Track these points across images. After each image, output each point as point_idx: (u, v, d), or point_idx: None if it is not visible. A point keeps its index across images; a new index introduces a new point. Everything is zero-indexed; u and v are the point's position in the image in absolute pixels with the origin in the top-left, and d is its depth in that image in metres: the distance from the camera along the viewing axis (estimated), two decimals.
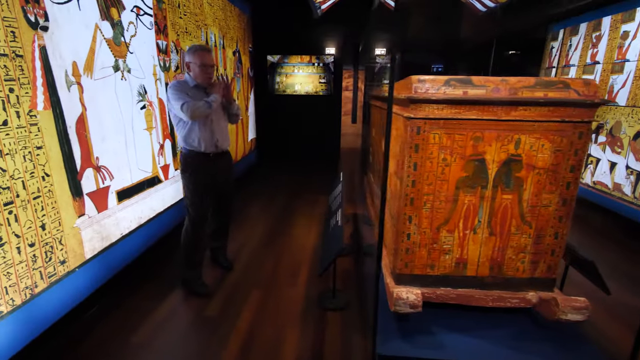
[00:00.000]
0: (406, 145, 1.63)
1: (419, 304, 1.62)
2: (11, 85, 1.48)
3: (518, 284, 1.76)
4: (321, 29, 5.77)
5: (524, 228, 1.68)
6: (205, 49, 2.08)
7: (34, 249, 1.62)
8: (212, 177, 2.21)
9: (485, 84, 1.53)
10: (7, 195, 1.48)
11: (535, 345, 1.64)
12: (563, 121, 1.51)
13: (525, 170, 1.60)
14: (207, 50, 2.08)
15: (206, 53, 2.06)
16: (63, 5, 1.73)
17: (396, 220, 1.80)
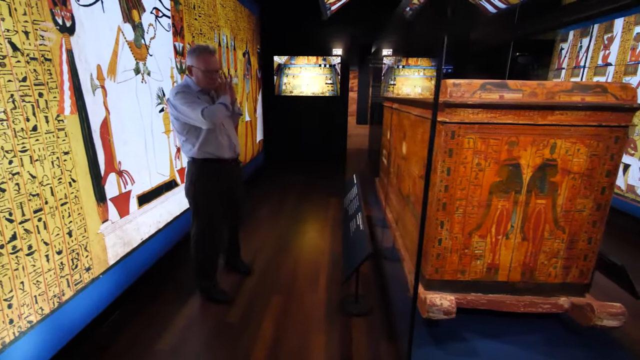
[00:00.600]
0: (440, 149, 1.61)
1: (453, 310, 1.61)
2: (40, 90, 1.45)
3: (550, 290, 1.74)
4: (328, 30, 5.75)
5: (557, 233, 1.67)
6: (209, 50, 1.87)
7: (62, 257, 1.59)
8: (229, 184, 2.12)
9: (521, 88, 1.52)
10: (36, 202, 1.45)
11: (568, 351, 1.63)
12: (600, 125, 1.50)
13: (561, 175, 1.59)
14: (211, 52, 1.87)
15: (210, 56, 1.86)
16: (88, 7, 1.70)
17: (426, 225, 1.78)
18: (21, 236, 1.38)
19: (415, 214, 2.03)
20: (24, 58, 1.37)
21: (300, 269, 2.71)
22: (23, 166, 1.38)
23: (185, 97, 1.81)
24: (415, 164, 2.02)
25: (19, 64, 1.35)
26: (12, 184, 1.33)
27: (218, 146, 1.99)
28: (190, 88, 1.89)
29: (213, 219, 2.10)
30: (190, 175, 2.00)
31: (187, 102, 1.80)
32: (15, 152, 1.34)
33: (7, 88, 1.30)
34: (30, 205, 1.42)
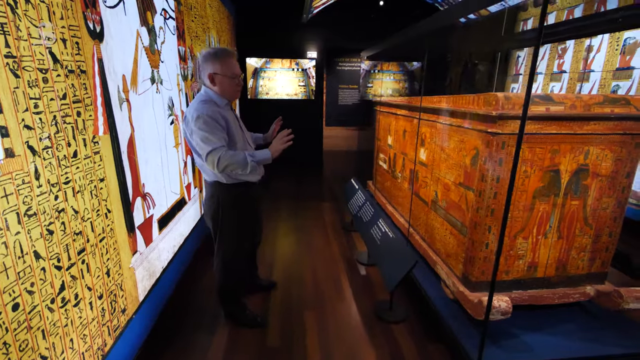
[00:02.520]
0: (490, 159, 1.69)
1: (510, 310, 1.70)
2: (78, 108, 1.22)
3: (578, 280, 1.94)
4: (301, 33, 5.70)
5: (586, 230, 1.85)
6: (231, 53, 1.65)
7: (102, 302, 1.36)
8: (255, 206, 1.98)
9: (563, 101, 1.66)
10: (80, 241, 1.22)
11: (601, 333, 1.82)
12: (625, 133, 1.70)
13: (591, 178, 1.77)
14: (233, 54, 1.67)
15: (234, 59, 1.66)
16: (113, 9, 1.47)
17: (472, 230, 1.86)
18: (68, 285, 1.15)
19: (450, 219, 2.11)
20: (63, 71, 1.14)
21: (321, 280, 2.66)
22: (67, 200, 1.15)
23: (206, 125, 1.52)
24: (449, 171, 2.09)
25: (59, 79, 1.12)
26: (58, 223, 1.11)
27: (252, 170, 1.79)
28: (215, 105, 1.61)
29: (242, 244, 1.93)
30: (216, 199, 1.77)
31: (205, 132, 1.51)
32: (60, 185, 1.12)
33: (50, 108, 1.07)
34: (75, 246, 1.19)
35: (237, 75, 1.66)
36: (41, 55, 1.04)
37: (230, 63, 1.63)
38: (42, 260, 1.04)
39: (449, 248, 2.13)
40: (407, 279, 2.50)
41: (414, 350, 1.97)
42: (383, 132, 3.58)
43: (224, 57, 1.61)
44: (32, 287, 1.00)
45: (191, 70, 2.63)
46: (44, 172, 1.05)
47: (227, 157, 1.52)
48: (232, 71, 1.63)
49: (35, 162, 1.01)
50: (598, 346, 1.72)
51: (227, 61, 1.62)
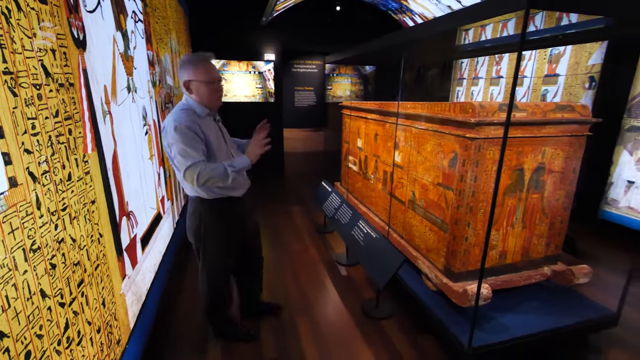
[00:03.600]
0: (469, 161, 1.87)
1: (490, 295, 1.90)
2: (69, 125, 1.10)
3: (538, 263, 2.22)
4: (258, 34, 5.61)
5: (544, 219, 2.14)
6: (206, 57, 1.54)
7: (100, 336, 1.25)
8: (244, 222, 1.81)
9: (526, 108, 1.89)
10: (79, 272, 1.10)
11: (559, 307, 2.11)
12: (572, 135, 1.99)
13: (547, 175, 2.04)
14: (208, 58, 1.55)
15: (210, 63, 1.54)
16: (92, 14, 1.34)
17: (453, 226, 2.03)
18: (72, 322, 1.04)
19: (429, 216, 2.27)
20: (54, 85, 1.02)
21: (305, 285, 2.68)
22: (65, 229, 1.04)
23: (184, 137, 1.41)
24: (427, 172, 2.25)
25: (52, 94, 1.01)
26: (59, 255, 0.99)
27: (235, 184, 1.67)
28: (194, 116, 1.50)
29: (226, 263, 1.82)
30: (197, 215, 1.65)
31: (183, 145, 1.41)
32: (59, 213, 1.00)
33: (45, 128, 0.96)
34: (75, 278, 1.08)
35: (215, 80, 1.53)
36: (35, 69, 0.92)
37: (205, 67, 1.50)
38: (48, 298, 0.92)
39: (430, 244, 2.29)
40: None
41: (405, 342, 2.09)
42: (352, 135, 3.70)
43: (197, 62, 1.50)
44: (41, 330, 0.88)
45: (158, 75, 2.46)
46: (44, 200, 0.93)
47: (206, 171, 1.41)
48: (208, 76, 1.50)
49: (36, 189, 0.90)
50: (558, 318, 1.99)
51: (202, 65, 1.50)
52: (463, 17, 1.60)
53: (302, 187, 5.30)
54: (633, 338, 2.12)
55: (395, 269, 2.09)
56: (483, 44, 4.87)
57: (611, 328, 2.06)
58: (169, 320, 2.19)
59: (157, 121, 2.31)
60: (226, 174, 1.47)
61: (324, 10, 5.96)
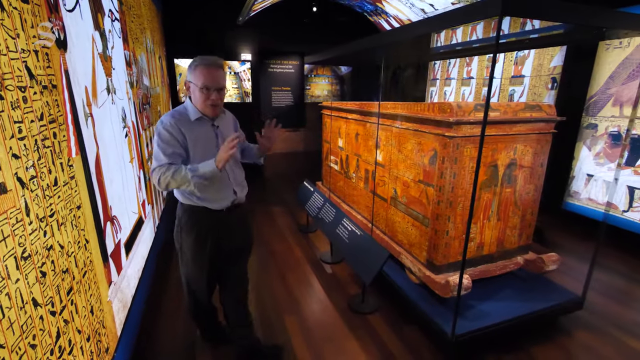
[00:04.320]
0: (448, 158, 1.96)
1: (470, 285, 2.01)
2: (54, 129, 1.07)
3: (512, 253, 2.37)
4: (234, 33, 5.55)
5: (516, 211, 2.28)
6: (212, 63, 1.44)
7: (90, 344, 1.21)
8: (223, 239, 1.62)
9: (498, 108, 2.01)
10: (67, 280, 1.07)
11: (531, 293, 2.26)
12: (539, 133, 2.14)
13: (518, 170, 2.18)
14: (214, 65, 1.44)
15: (212, 69, 1.43)
16: (71, 13, 1.30)
17: (434, 221, 2.12)
18: (63, 331, 1.01)
19: (411, 212, 2.36)
20: (38, 88, 0.99)
21: (292, 284, 2.70)
22: (54, 236, 1.01)
23: (160, 138, 1.39)
24: (408, 170, 2.33)
25: (36, 97, 0.97)
26: (49, 262, 0.97)
27: (208, 194, 1.52)
28: (183, 117, 1.46)
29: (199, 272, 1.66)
30: (177, 218, 1.60)
31: (158, 145, 1.39)
32: (47, 219, 0.97)
33: (31, 132, 0.93)
34: (64, 285, 1.05)
35: (206, 86, 1.43)
36: (19, 71, 0.89)
37: (202, 72, 1.42)
38: (40, 307, 0.90)
39: (412, 239, 2.38)
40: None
41: (391, 335, 2.16)
42: (332, 135, 3.75)
43: (199, 64, 1.43)
44: (34, 339, 0.86)
45: (135, 76, 2.39)
46: (33, 206, 0.90)
47: (167, 174, 1.36)
48: (200, 81, 1.42)
49: (25, 195, 0.87)
50: (532, 304, 2.14)
51: (200, 69, 1.42)
52: (440, 23, 1.69)
53: (283, 188, 5.30)
54: (596, 319, 2.31)
55: (381, 264, 2.15)
56: (455, 47, 5.08)
57: (577, 311, 2.24)
58: (155, 325, 2.14)
59: (135, 123, 2.25)
60: (186, 179, 1.36)
61: (300, 10, 5.98)
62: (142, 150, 2.40)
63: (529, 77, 4.20)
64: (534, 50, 4.03)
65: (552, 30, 2.73)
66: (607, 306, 2.46)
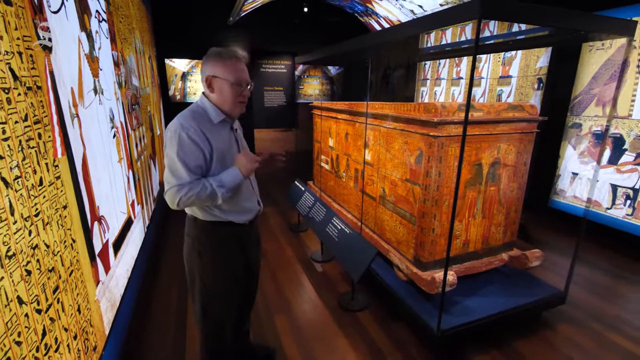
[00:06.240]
0: (433, 158, 2.01)
1: (456, 282, 2.05)
2: (39, 130, 1.08)
3: (497, 250, 2.42)
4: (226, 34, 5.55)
5: (500, 209, 2.33)
6: (240, 56, 1.31)
7: (77, 342, 1.22)
8: (248, 254, 1.47)
9: (482, 108, 2.06)
10: (53, 279, 1.08)
11: (516, 289, 2.31)
12: (522, 132, 2.20)
13: (502, 168, 2.23)
14: (242, 58, 1.31)
15: (242, 62, 1.30)
16: (56, 15, 1.31)
17: (420, 219, 2.17)
18: (49, 329, 1.03)
19: (399, 211, 2.40)
20: (22, 89, 1.00)
21: (282, 283, 2.73)
22: (39, 235, 1.02)
23: (182, 147, 1.18)
24: (395, 169, 2.37)
25: (20, 98, 0.98)
26: (34, 261, 0.98)
27: (235, 206, 1.36)
28: (208, 119, 1.27)
29: (231, 304, 1.46)
30: (192, 239, 1.36)
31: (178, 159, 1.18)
32: (32, 219, 0.99)
33: (16, 132, 0.94)
34: (50, 284, 1.06)
35: (242, 83, 1.29)
36: (2, 72, 0.91)
37: (236, 66, 1.28)
38: (25, 305, 0.91)
39: (400, 236, 2.42)
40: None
41: (380, 331, 2.20)
42: (323, 134, 3.78)
43: (229, 58, 1.27)
44: (20, 337, 0.87)
45: (124, 76, 2.40)
46: (17, 205, 0.92)
47: (189, 195, 1.19)
48: (236, 75, 1.27)
49: (9, 195, 0.88)
50: (516, 299, 2.19)
51: (233, 64, 1.27)
52: (423, 25, 1.73)
53: (274, 188, 5.32)
54: (578, 313, 2.37)
55: (369, 261, 2.19)
56: (444, 47, 5.15)
57: (560, 305, 2.30)
58: (144, 326, 2.14)
59: (124, 123, 2.26)
60: (214, 195, 1.23)
61: (291, 11, 6.00)
62: (131, 151, 2.40)
63: (517, 78, 4.28)
64: (521, 51, 4.11)
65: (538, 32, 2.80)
66: (589, 301, 2.53)
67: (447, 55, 4.07)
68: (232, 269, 1.41)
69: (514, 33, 4.03)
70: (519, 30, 3.96)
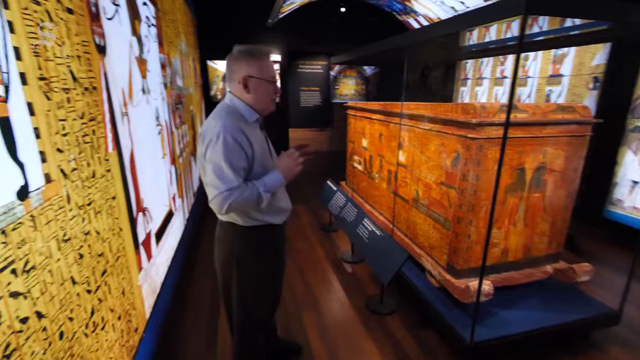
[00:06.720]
0: (470, 161, 1.92)
1: (492, 292, 1.95)
2: (94, 127, 1.19)
3: (540, 261, 2.26)
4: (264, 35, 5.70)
5: (545, 217, 2.18)
6: (269, 53, 1.33)
7: (121, 323, 1.33)
8: (281, 253, 1.51)
9: (526, 109, 1.94)
10: (102, 263, 1.19)
11: (560, 304, 2.15)
12: (572, 135, 2.04)
13: (548, 174, 2.08)
14: (270, 55, 1.34)
15: (270, 60, 1.32)
16: (111, 21, 1.42)
17: (455, 224, 2.08)
18: (96, 308, 1.12)
19: (432, 215, 2.32)
20: (80, 89, 1.10)
21: (311, 282, 2.75)
22: (91, 222, 1.12)
23: (227, 151, 1.14)
24: (430, 172, 2.31)
25: (78, 97, 1.09)
26: (86, 246, 1.08)
27: (272, 208, 1.35)
28: (243, 119, 1.25)
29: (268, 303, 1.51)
30: (229, 245, 1.36)
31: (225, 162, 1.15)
32: (85, 207, 1.09)
33: (73, 129, 1.04)
34: (99, 268, 1.16)
35: (274, 78, 1.30)
36: (64, 74, 1.01)
37: (269, 64, 1.29)
38: (77, 285, 1.01)
39: (433, 241, 2.35)
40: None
41: (408, 337, 2.15)
42: (356, 135, 3.76)
43: (262, 57, 1.26)
44: (72, 313, 0.97)
45: (169, 77, 2.55)
46: (73, 195, 1.02)
47: (238, 200, 1.17)
48: (269, 73, 1.27)
49: (67, 185, 0.98)
50: (559, 315, 2.04)
51: (266, 62, 1.27)
52: (463, 22, 1.66)
53: (308, 187, 5.37)
54: (635, 337, 2.15)
55: (399, 265, 2.14)
56: (487, 45, 4.90)
57: (613, 326, 2.10)
58: (181, 312, 2.27)
59: (168, 121, 2.40)
60: (260, 199, 1.22)
61: (328, 11, 6.03)
62: (174, 147, 2.55)
63: (569, 77, 3.96)
64: (574, 47, 3.80)
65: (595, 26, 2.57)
66: None
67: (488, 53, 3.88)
68: (269, 272, 1.44)
69: (567, 28, 3.73)
70: (573, 25, 3.66)
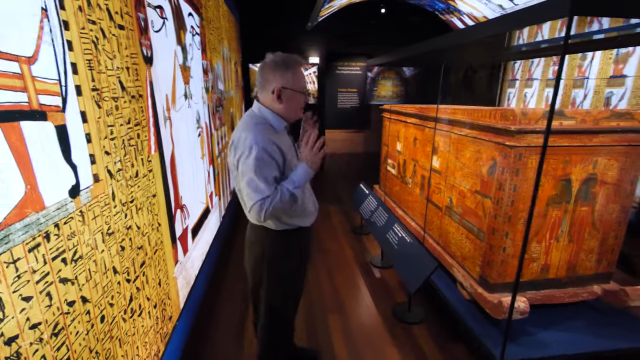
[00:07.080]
0: (508, 169, 1.82)
1: (528, 309, 1.83)
2: (138, 131, 1.30)
3: (586, 280, 2.08)
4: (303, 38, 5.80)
5: (594, 233, 2.00)
6: (302, 62, 1.33)
7: (157, 310, 1.44)
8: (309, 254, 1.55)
9: (574, 116, 1.80)
10: (141, 255, 1.30)
11: (608, 329, 1.96)
12: (629, 145, 1.85)
13: (599, 186, 1.91)
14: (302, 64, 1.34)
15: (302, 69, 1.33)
16: (157, 34, 1.55)
17: (489, 236, 1.99)
18: (134, 296, 1.24)
19: (466, 224, 2.23)
20: (127, 97, 1.22)
21: (339, 284, 2.76)
22: (132, 218, 1.23)
23: (260, 162, 1.16)
24: (465, 179, 2.22)
25: (125, 105, 1.20)
26: (127, 239, 1.19)
27: (302, 213, 1.39)
28: (273, 129, 1.26)
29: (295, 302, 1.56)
30: (260, 249, 1.39)
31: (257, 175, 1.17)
32: (128, 204, 1.20)
33: (120, 133, 1.16)
34: (138, 259, 1.27)
35: (307, 89, 1.34)
36: (114, 85, 1.12)
37: (302, 74, 1.31)
38: (118, 274, 1.12)
39: (465, 252, 2.25)
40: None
41: (434, 349, 2.08)
42: (391, 138, 3.70)
43: (296, 67, 1.27)
44: (112, 299, 1.08)
45: (211, 82, 2.70)
46: (118, 193, 1.13)
47: (273, 205, 1.18)
48: (301, 84, 1.29)
49: (112, 184, 1.09)
50: (606, 341, 1.87)
51: (299, 72, 1.29)
52: (504, 25, 1.58)
53: (341, 188, 5.39)
54: None
55: (428, 274, 2.09)
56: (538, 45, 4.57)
57: None
58: (214, 304, 2.40)
59: (208, 124, 2.55)
60: (293, 197, 1.23)
61: (368, 12, 5.98)
62: (213, 148, 2.70)
63: (633, 78, 3.58)
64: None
65: None
66: None
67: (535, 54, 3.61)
68: (298, 273, 1.49)
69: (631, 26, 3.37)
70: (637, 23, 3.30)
